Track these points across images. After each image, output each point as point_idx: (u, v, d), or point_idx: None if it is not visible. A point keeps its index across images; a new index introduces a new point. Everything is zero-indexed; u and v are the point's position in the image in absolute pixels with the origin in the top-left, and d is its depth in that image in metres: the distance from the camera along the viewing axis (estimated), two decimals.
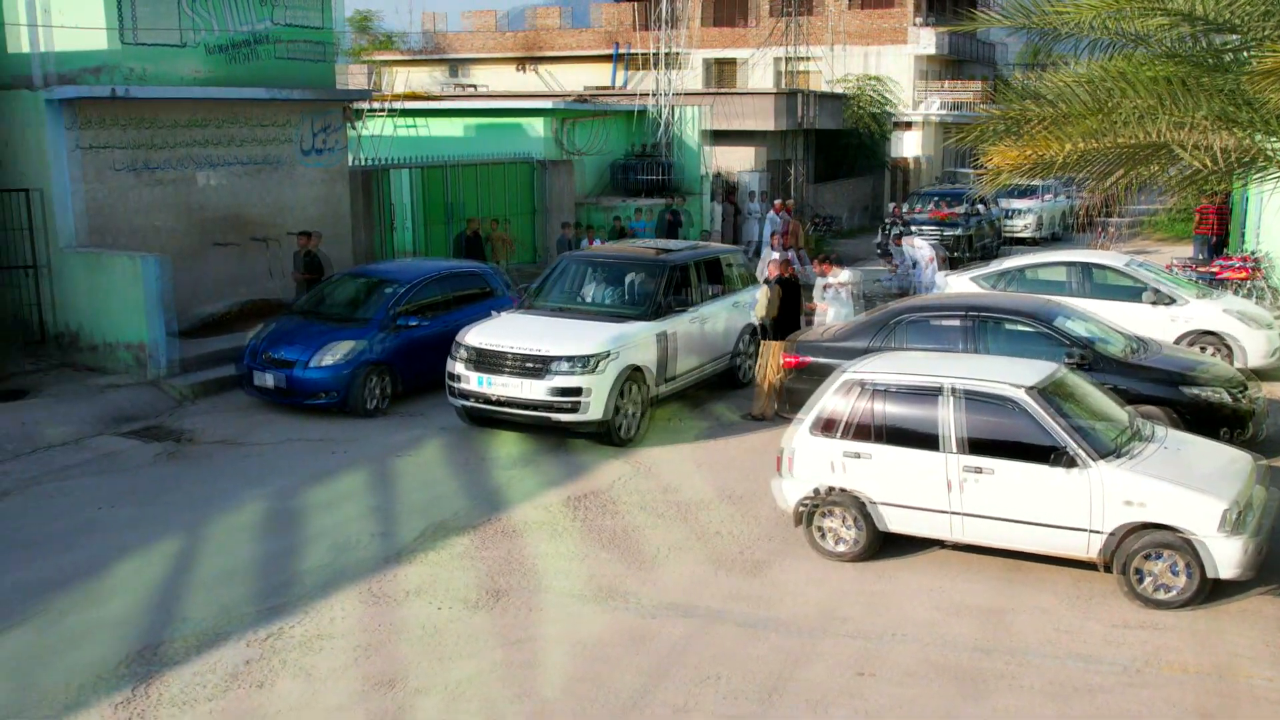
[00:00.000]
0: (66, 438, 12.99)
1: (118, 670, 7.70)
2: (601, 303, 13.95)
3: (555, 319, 13.25)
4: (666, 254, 14.33)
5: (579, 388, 12.13)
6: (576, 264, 14.68)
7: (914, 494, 9.04)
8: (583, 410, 12.15)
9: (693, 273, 14.28)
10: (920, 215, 27.45)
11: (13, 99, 15.14)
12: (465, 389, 12.69)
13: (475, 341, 12.72)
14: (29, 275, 15.35)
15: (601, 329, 12.81)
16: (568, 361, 12.18)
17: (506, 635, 8.20)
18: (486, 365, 12.53)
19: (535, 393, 12.22)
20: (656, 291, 13.55)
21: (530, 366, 12.29)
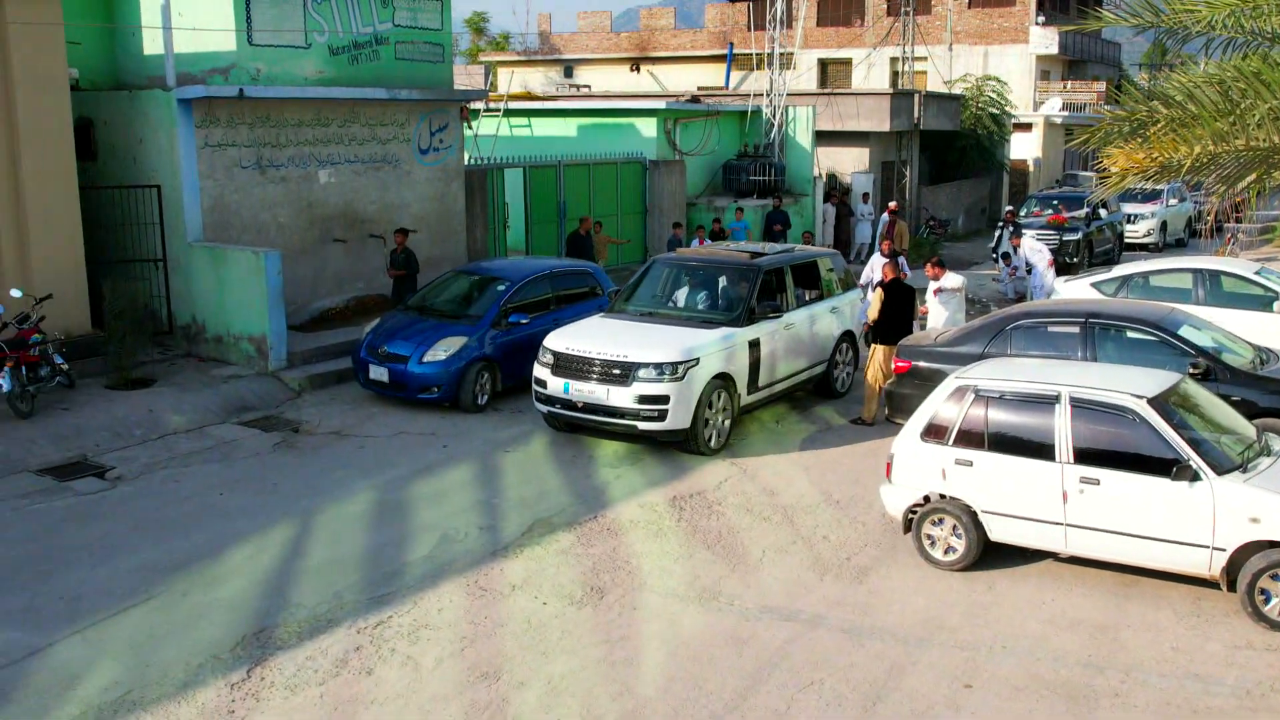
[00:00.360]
0: (189, 425, 13.45)
1: (233, 651, 7.95)
2: (690, 307, 13.66)
3: (642, 324, 13.02)
4: (759, 257, 13.86)
5: (663, 395, 11.88)
6: (666, 267, 14.34)
7: (1025, 504, 8.84)
8: (667, 419, 11.91)
9: (786, 277, 13.86)
10: (1036, 219, 26.75)
11: (147, 99, 15.72)
12: (549, 394, 12.53)
13: (559, 346, 12.56)
14: (157, 268, 15.94)
15: (688, 335, 12.54)
16: (652, 368, 11.92)
17: (607, 632, 8.25)
18: (570, 370, 12.35)
19: (618, 400, 11.99)
20: (747, 296, 13.15)
21: (614, 373, 12.04)
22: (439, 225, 19.28)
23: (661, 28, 54.66)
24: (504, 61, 56.94)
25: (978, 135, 35.78)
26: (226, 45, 16.16)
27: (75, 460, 12.25)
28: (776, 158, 26.55)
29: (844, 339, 14.81)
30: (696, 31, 54.21)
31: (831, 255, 15.65)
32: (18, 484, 11.47)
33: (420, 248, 18.77)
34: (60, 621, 8.40)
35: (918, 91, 31.61)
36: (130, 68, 17.24)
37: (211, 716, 7.10)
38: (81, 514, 10.69)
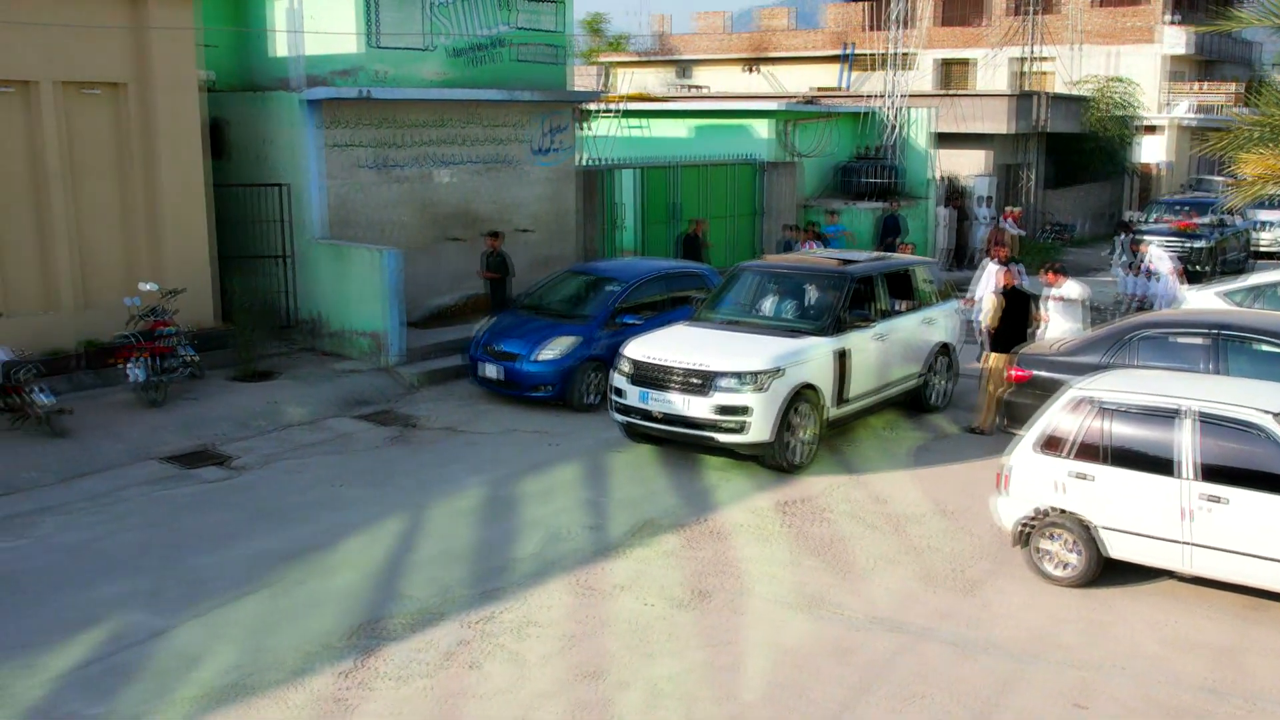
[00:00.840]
0: (307, 418, 13.83)
1: (344, 640, 8.15)
2: (777, 316, 13.11)
3: (724, 332, 12.58)
4: (850, 265, 13.43)
5: (744, 406, 11.39)
6: (753, 275, 13.84)
7: (1143, 521, 8.56)
8: (747, 431, 11.43)
9: (878, 285, 13.37)
10: (1160, 225, 25.87)
11: (274, 100, 16.21)
12: (625, 404, 12.16)
13: (637, 354, 12.17)
14: (280, 264, 16.42)
15: (772, 344, 12.04)
16: (733, 378, 11.46)
17: (711, 636, 8.23)
18: (648, 380, 11.93)
19: (697, 410, 11.55)
20: (835, 305, 12.64)
21: (693, 382, 11.61)
22: (553, 225, 19.47)
23: (779, 28, 54.35)
24: (620, 62, 57.24)
25: (1103, 138, 34.79)
26: (352, 48, 16.56)
27: (200, 449, 12.69)
28: (893, 160, 26.17)
29: (940, 351, 14.27)
30: (814, 32, 53.79)
31: (928, 264, 15.10)
32: (146, 470, 11.93)
33: (534, 247, 19.04)
34: (182, 605, 8.71)
35: (1041, 93, 30.86)
36: (260, 69, 17.77)
37: (322, 704, 7.29)
38: (204, 501, 11.08)
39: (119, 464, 12.06)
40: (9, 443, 12.15)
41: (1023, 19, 35.37)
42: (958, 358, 14.76)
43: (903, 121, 26.49)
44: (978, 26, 48.10)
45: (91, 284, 14.60)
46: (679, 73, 56.40)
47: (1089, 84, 37.17)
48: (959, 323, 14.86)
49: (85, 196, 14.41)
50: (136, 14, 14.39)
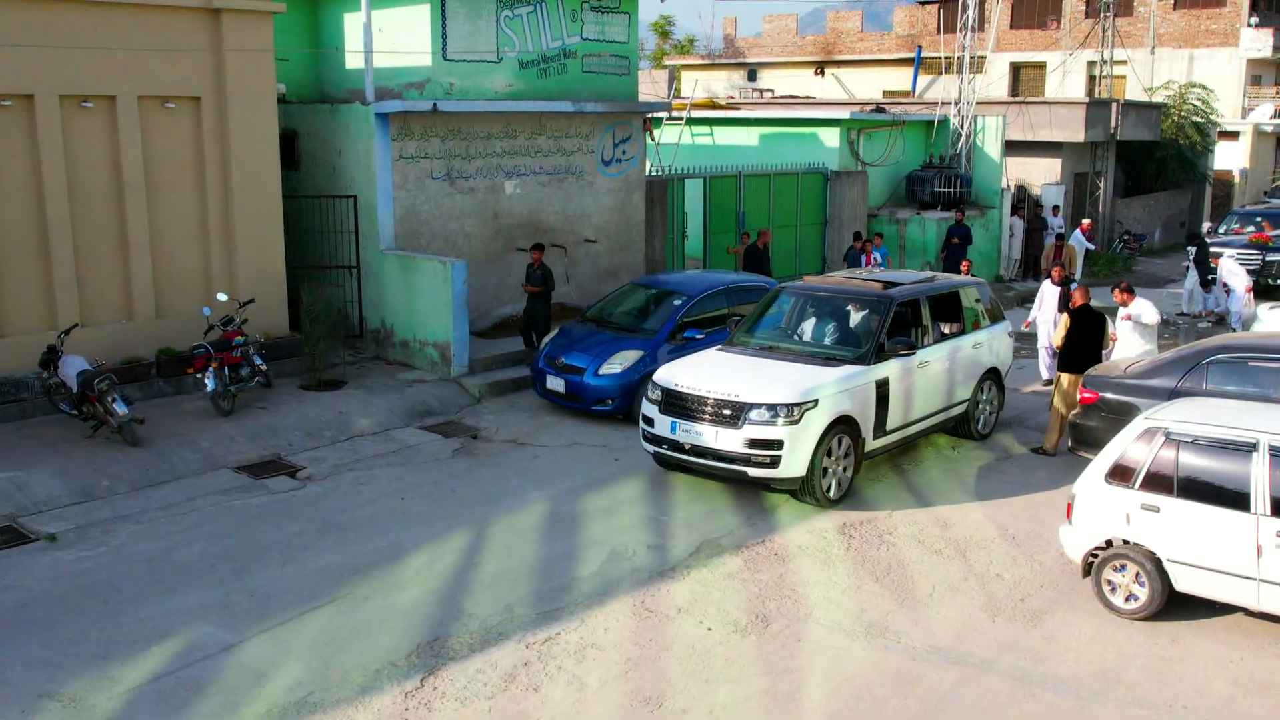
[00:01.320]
0: (375, 428, 14.03)
1: (408, 659, 8.26)
2: (815, 342, 12.64)
3: (759, 359, 12.10)
4: (892, 288, 12.81)
5: (776, 440, 10.89)
6: (792, 297, 13.32)
7: (1214, 555, 8.40)
8: (779, 465, 10.95)
9: (923, 309, 12.86)
10: (1236, 237, 25.24)
11: (346, 112, 16.46)
12: (655, 434, 11.72)
13: (667, 381, 11.72)
14: (351, 274, 16.68)
15: (807, 373, 11.51)
16: (765, 409, 10.96)
17: (771, 663, 8.23)
18: (678, 409, 11.49)
19: (727, 443, 11.06)
20: (877, 331, 12.10)
21: (724, 413, 11.12)
22: (619, 235, 19.56)
23: (848, 30, 53.97)
24: (688, 65, 57.28)
25: (1179, 145, 34.13)
26: (422, 60, 16.77)
27: (270, 458, 12.94)
28: (963, 169, 25.89)
29: (987, 377, 13.76)
30: (884, 35, 53.33)
31: (978, 285, 14.49)
32: (218, 480, 12.19)
33: (599, 258, 19.14)
34: (251, 619, 8.89)
35: (1115, 100, 30.34)
36: (332, 80, 18.08)
37: None
38: (273, 512, 11.29)
39: (192, 473, 12.35)
40: (86, 450, 12.48)
41: (1098, 22, 34.78)
42: (1004, 383, 14.38)
43: (973, 130, 26.19)
44: (1051, 29, 47.40)
45: (167, 294, 14.95)
46: (747, 76, 56.21)
47: (1165, 90, 36.47)
48: (1009, 345, 14.42)
49: (162, 208, 14.76)
50: (215, 32, 14.69)
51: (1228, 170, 38.79)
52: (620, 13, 19.11)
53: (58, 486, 11.64)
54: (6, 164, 13.46)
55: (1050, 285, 16.66)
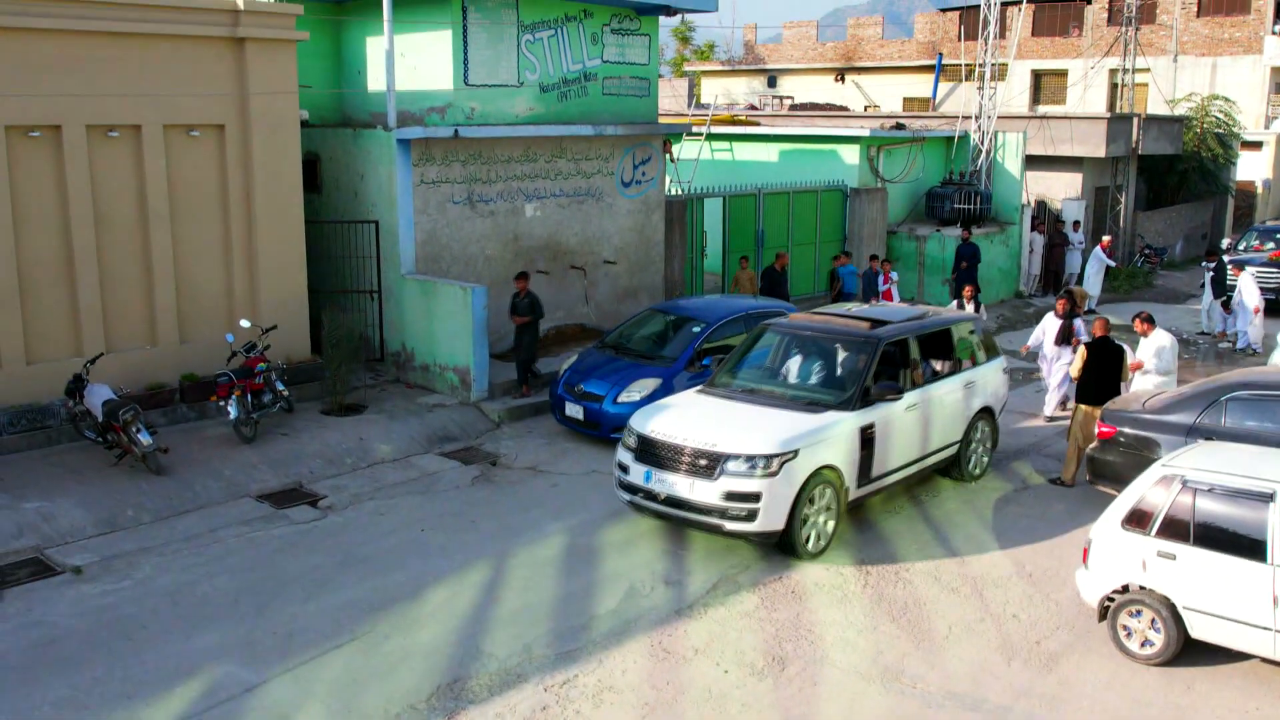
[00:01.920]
0: (395, 454, 14.16)
1: (428, 701, 8.37)
2: (797, 385, 12.11)
3: (738, 404, 11.62)
4: (880, 327, 12.32)
5: (753, 493, 10.42)
6: (777, 335, 12.83)
7: (1230, 604, 8.42)
8: (757, 519, 10.47)
9: (912, 349, 12.37)
10: (1258, 254, 25.07)
11: (369, 138, 16.59)
12: (630, 482, 11.24)
13: (643, 428, 11.28)
14: (372, 299, 16.81)
15: (788, 420, 11.05)
16: (743, 461, 10.50)
17: (787, 709, 8.29)
18: (651, 457, 11.04)
19: (702, 495, 10.59)
20: (862, 375, 11.64)
21: (699, 464, 10.66)
22: (638, 256, 19.65)
23: (869, 37, 53.91)
24: (708, 72, 57.31)
25: (1200, 157, 33.97)
26: (444, 85, 16.90)
27: (291, 486, 13.08)
28: (983, 185, 25.86)
29: (980, 417, 13.28)
30: (905, 41, 53.24)
31: (972, 319, 14.06)
32: (240, 510, 12.33)
33: (619, 279, 19.23)
34: (274, 658, 9.01)
35: (1137, 115, 30.23)
36: (354, 103, 18.23)
37: None
38: (295, 544, 11.42)
39: (215, 502, 12.49)
40: (111, 480, 12.64)
41: (1120, 31, 34.64)
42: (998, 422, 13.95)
43: (993, 146, 26.16)
44: (1073, 37, 47.24)
45: (190, 319, 15.11)
46: (767, 82, 56.22)
47: (1187, 102, 36.32)
48: (1003, 382, 14.01)
49: (186, 234, 14.91)
50: (240, 61, 14.85)
51: (1251, 181, 38.58)
52: (640, 35, 19.20)
53: (83, 517, 11.80)
54: (34, 193, 13.63)
55: (1053, 318, 16.24)
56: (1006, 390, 14.22)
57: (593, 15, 18.47)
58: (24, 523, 11.54)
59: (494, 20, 17.08)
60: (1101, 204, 30.04)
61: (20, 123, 13.40)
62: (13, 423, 13.47)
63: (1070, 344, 15.56)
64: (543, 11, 17.76)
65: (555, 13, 17.93)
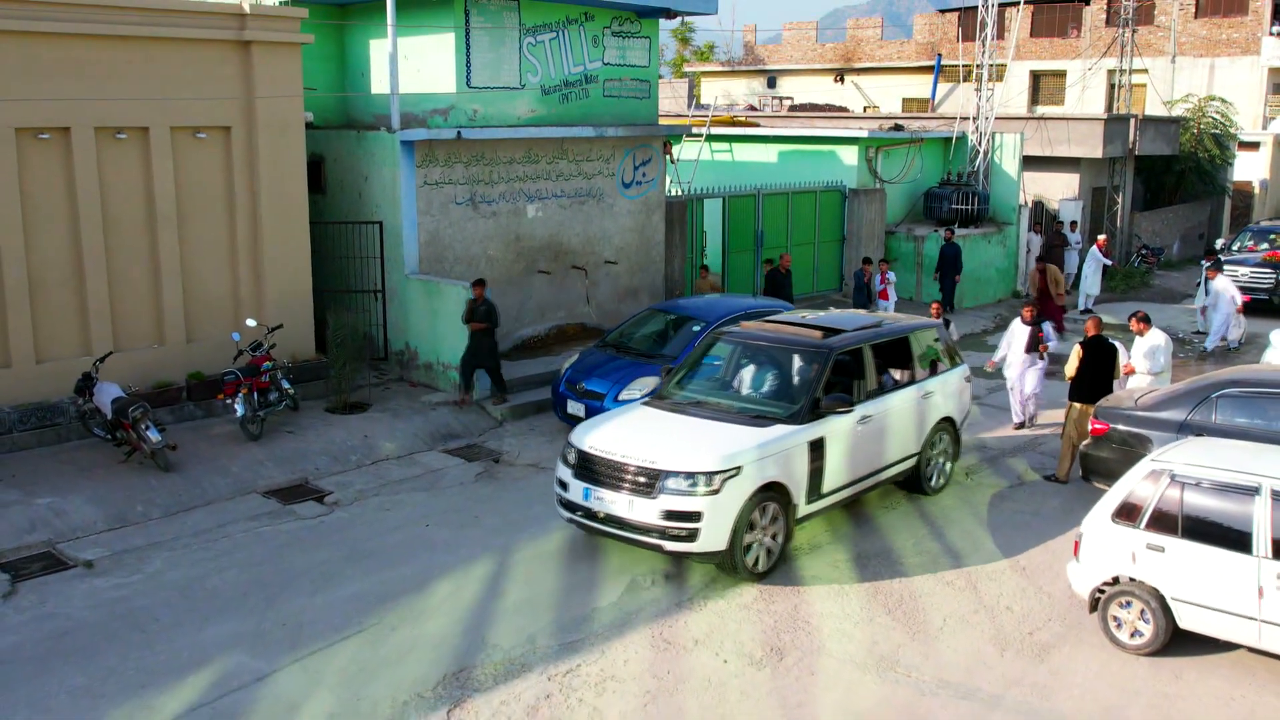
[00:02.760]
0: (399, 452, 14.37)
1: (435, 690, 8.57)
2: (746, 398, 11.69)
3: (683, 417, 11.12)
4: (833, 336, 11.86)
5: (694, 512, 9.95)
6: (728, 344, 12.40)
7: (1217, 595, 8.63)
8: (697, 539, 10.02)
9: (866, 359, 11.91)
10: (1251, 255, 25.25)
11: (373, 140, 16.81)
12: (569, 500, 10.81)
13: (583, 443, 10.80)
14: (376, 298, 17.02)
15: (732, 436, 10.54)
16: (682, 478, 10.01)
17: (785, 697, 8.50)
18: (592, 474, 10.58)
19: (641, 514, 10.13)
20: (812, 386, 11.15)
21: (639, 481, 10.20)
22: (638, 256, 19.86)
23: (868, 38, 54.11)
24: (708, 72, 57.51)
25: (1197, 158, 34.19)
26: (447, 87, 17.11)
27: (298, 483, 13.29)
28: (980, 185, 26.09)
29: (940, 427, 12.86)
30: (904, 42, 53.45)
31: (934, 327, 13.57)
32: (248, 506, 12.55)
33: (619, 278, 19.44)
34: (283, 648, 9.22)
35: (1133, 116, 30.45)
36: (358, 105, 18.43)
37: None
38: (302, 539, 11.63)
39: (222, 498, 12.71)
40: (120, 476, 12.85)
41: (1118, 30, 34.84)
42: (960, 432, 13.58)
43: (991, 147, 26.38)
44: (1072, 38, 47.44)
45: (197, 319, 15.32)
46: (767, 83, 56.41)
47: (1184, 103, 36.53)
48: (965, 391, 13.63)
49: (193, 235, 15.12)
50: (246, 64, 15.06)
51: (1248, 181, 38.76)
52: (641, 37, 19.42)
53: (94, 512, 12.01)
54: (44, 195, 13.84)
55: (1020, 325, 15.50)
56: (969, 400, 13.86)
57: (593, 18, 18.68)
58: (36, 518, 11.75)
59: (496, 23, 17.30)
60: (1099, 204, 30.27)
61: (30, 125, 13.60)
62: (23, 420, 13.67)
63: (1039, 351, 15.12)
64: (544, 15, 17.97)
65: (556, 16, 18.15)
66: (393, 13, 16.08)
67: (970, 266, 24.55)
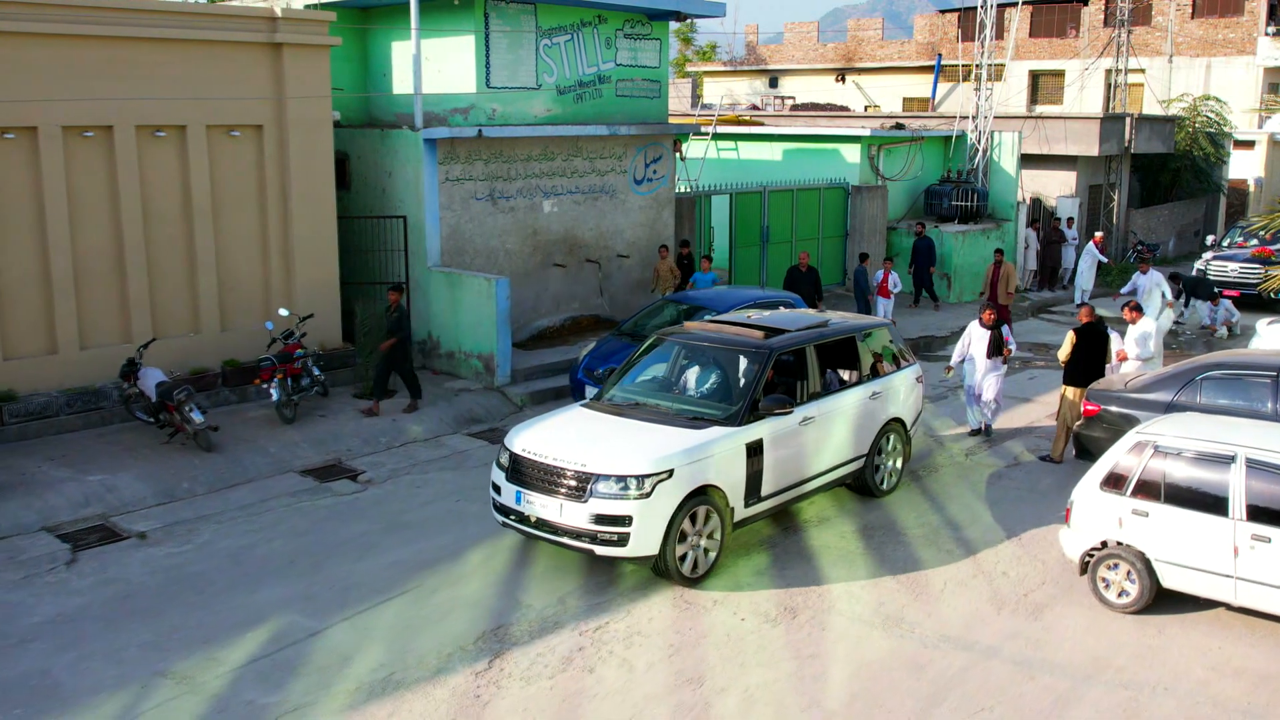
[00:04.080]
0: (426, 435, 15.10)
1: (475, 644, 9.29)
2: (683, 399, 11.49)
3: (619, 420, 11.00)
4: (775, 336, 11.73)
5: (624, 516, 9.83)
6: (671, 345, 12.23)
7: (1197, 555, 9.36)
8: (628, 543, 9.89)
9: (809, 359, 11.76)
10: (1241, 251, 25.99)
11: (398, 138, 17.53)
12: (501, 503, 10.72)
13: (516, 446, 10.69)
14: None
15: (664, 438, 10.40)
16: (613, 481, 9.89)
17: (799, 649, 9.23)
18: (524, 478, 10.47)
19: (572, 518, 10.02)
20: (750, 387, 10.99)
21: (569, 485, 10.09)
22: (649, 250, 20.58)
23: (869, 38, 54.83)
24: (711, 72, 58.22)
25: (1193, 157, 34.92)
26: (467, 87, 17.84)
27: (332, 463, 14.01)
28: (979, 183, 26.82)
29: (888, 429, 12.68)
30: (904, 42, 54.17)
31: (877, 327, 13.29)
32: (287, 483, 13.27)
33: (631, 272, 20.16)
34: (333, 608, 9.94)
35: (1129, 115, 31.18)
36: (379, 104, 19.16)
37: (462, 699, 8.44)
38: (341, 513, 12.36)
39: (262, 476, 13.44)
40: (165, 455, 13.58)
41: (1115, 31, 35.55)
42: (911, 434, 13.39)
43: (990, 145, 27.10)
44: (1070, 38, 48.17)
45: (230, 309, 16.06)
46: (768, 83, 57.14)
47: (1180, 103, 37.26)
48: (915, 391, 13.39)
49: (226, 229, 15.87)
50: (277, 65, 15.79)
51: (1243, 180, 39.47)
52: (651, 39, 20.15)
53: (143, 489, 12.74)
54: (89, 191, 14.58)
55: (979, 327, 15.01)
56: (920, 400, 13.66)
57: (606, 20, 19.41)
58: (89, 493, 12.48)
59: (514, 26, 18.03)
60: (1095, 201, 30.99)
61: (76, 123, 14.34)
62: (70, 404, 14.40)
63: (1001, 355, 14.90)
64: (560, 17, 18.70)
65: (571, 18, 18.88)
66: (416, 17, 16.80)
67: (969, 261, 25.31)
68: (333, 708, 8.33)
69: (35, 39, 13.81)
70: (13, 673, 8.81)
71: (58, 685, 8.64)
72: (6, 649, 9.19)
